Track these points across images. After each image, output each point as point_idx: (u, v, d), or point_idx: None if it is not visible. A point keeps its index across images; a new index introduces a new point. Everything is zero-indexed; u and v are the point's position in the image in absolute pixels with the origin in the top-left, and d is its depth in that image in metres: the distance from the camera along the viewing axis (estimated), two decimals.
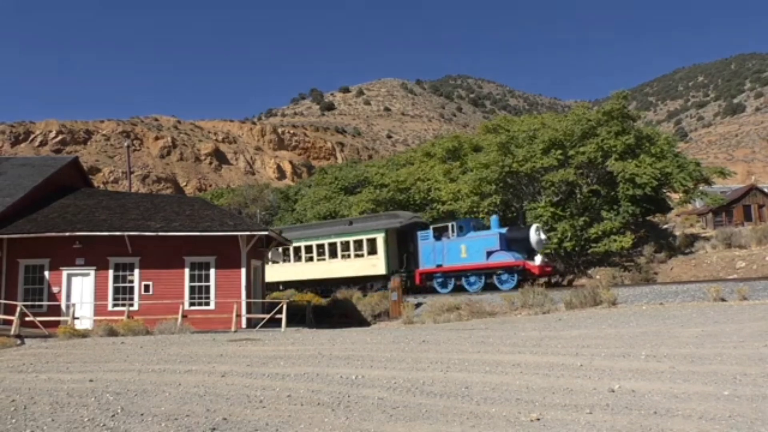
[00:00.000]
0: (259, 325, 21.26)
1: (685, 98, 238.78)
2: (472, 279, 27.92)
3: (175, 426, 7.19)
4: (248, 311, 22.29)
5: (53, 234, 22.06)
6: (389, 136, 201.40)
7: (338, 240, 32.71)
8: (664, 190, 35.08)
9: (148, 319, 20.30)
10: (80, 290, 22.41)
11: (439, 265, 28.94)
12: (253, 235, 22.89)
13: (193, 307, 22.08)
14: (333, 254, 32.80)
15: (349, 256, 32.16)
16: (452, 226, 29.01)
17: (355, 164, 69.69)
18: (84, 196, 25.53)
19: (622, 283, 26.80)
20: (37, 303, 21.71)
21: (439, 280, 29.15)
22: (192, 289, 22.49)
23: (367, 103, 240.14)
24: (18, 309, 19.66)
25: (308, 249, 33.97)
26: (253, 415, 7.48)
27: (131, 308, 21.84)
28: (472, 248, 27.86)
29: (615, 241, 29.69)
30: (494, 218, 29.61)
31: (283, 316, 20.92)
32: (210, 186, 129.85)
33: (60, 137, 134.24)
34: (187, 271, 22.55)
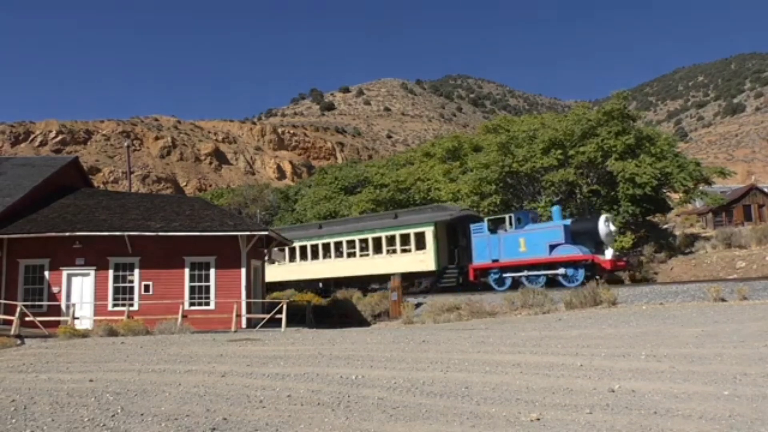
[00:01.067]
0: (259, 325, 21.26)
1: (685, 98, 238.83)
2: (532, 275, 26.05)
3: (175, 426, 7.19)
4: (248, 311, 22.29)
5: (53, 234, 22.06)
6: (389, 136, 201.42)
7: (383, 234, 30.96)
8: (664, 190, 35.10)
9: (148, 319, 20.30)
10: (80, 290, 22.41)
11: (495, 260, 26.83)
12: (253, 235, 22.89)
13: (193, 307, 22.08)
14: (377, 249, 31.06)
15: (394, 251, 30.45)
16: (510, 218, 27.06)
17: (355, 164, 69.73)
18: (84, 196, 25.53)
19: (622, 283, 26.80)
20: (37, 303, 21.70)
21: (495, 276, 27.07)
22: (192, 289, 22.49)
23: (367, 103, 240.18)
24: (18, 309, 19.66)
25: (350, 244, 32.20)
26: (253, 415, 7.48)
27: (131, 308, 21.83)
28: (533, 241, 25.83)
29: (615, 240, 29.70)
30: (556, 209, 27.60)
31: (283, 316, 20.92)
32: (210, 186, 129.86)
33: (60, 137, 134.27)
34: (187, 271, 22.56)
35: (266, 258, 26.88)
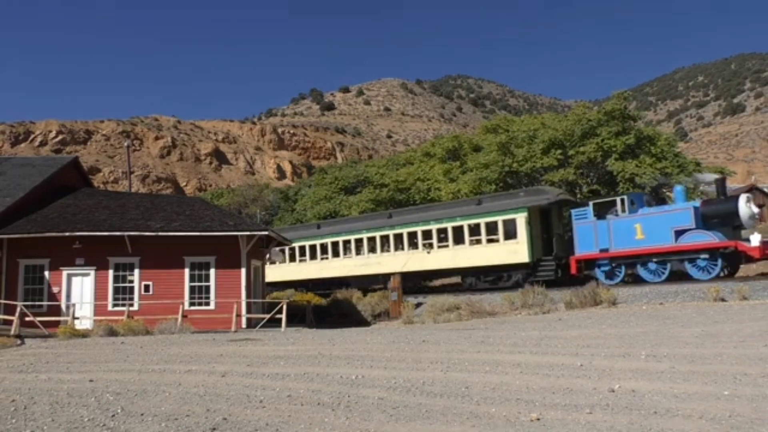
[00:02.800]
0: (259, 325, 21.27)
1: (685, 98, 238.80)
2: (652, 266, 22.73)
3: (175, 426, 7.19)
4: (248, 311, 22.30)
5: (53, 234, 22.06)
6: (389, 136, 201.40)
7: (465, 223, 27.51)
8: (664, 190, 35.10)
9: (148, 319, 20.30)
10: (80, 290, 22.43)
11: (604, 250, 23.58)
12: (253, 235, 22.90)
13: (193, 307, 22.09)
14: (458, 240, 27.67)
15: (479, 241, 27.01)
16: (622, 200, 23.61)
17: (355, 164, 69.69)
18: (84, 196, 25.53)
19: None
20: (37, 303, 21.72)
21: (605, 268, 23.83)
22: (192, 289, 22.50)
23: (367, 103, 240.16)
24: (18, 309, 19.67)
25: (426, 234, 28.86)
26: (253, 415, 7.48)
27: (131, 308, 21.85)
28: (652, 227, 22.43)
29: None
30: (678, 189, 24.11)
31: (283, 316, 20.94)
32: (210, 186, 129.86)
33: (60, 137, 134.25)
34: (187, 271, 22.57)
35: (267, 258, 26.88)
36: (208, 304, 22.35)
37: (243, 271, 22.52)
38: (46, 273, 22.43)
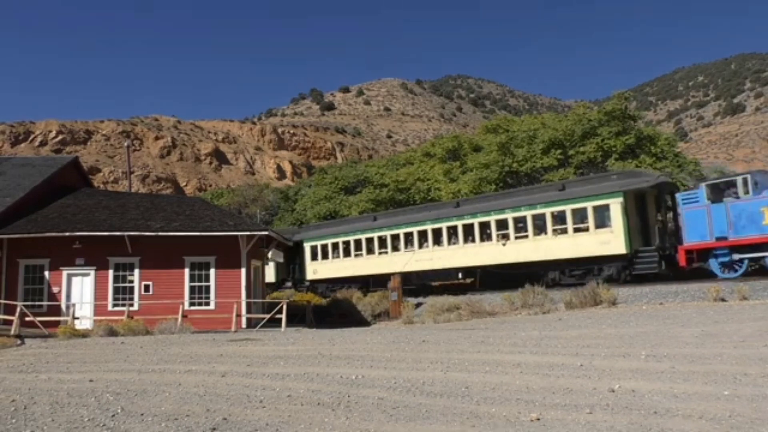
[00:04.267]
0: (259, 325, 21.27)
1: (685, 98, 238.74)
2: None
3: (175, 426, 7.19)
4: (248, 311, 22.31)
5: (53, 234, 22.07)
6: (389, 136, 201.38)
7: (547, 210, 24.74)
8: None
9: (148, 319, 20.31)
10: (80, 290, 22.44)
11: (721, 238, 20.42)
12: (253, 235, 22.91)
13: (193, 307, 22.10)
14: (540, 230, 24.94)
15: (564, 231, 24.20)
16: (744, 180, 20.28)
17: (355, 164, 69.72)
18: (84, 196, 25.54)
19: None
20: (37, 303, 21.73)
21: (723, 258, 20.64)
22: (192, 289, 22.51)
23: (367, 103, 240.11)
24: (18, 309, 19.67)
25: (501, 224, 25.97)
26: (253, 415, 7.48)
27: (131, 308, 21.86)
28: None
29: None
30: None
31: (283, 316, 20.94)
32: (210, 186, 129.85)
33: (60, 137, 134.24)
34: (187, 271, 22.58)
35: (267, 258, 26.90)
36: (208, 304, 22.35)
37: (243, 271, 22.53)
38: (46, 273, 22.44)
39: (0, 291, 21.99)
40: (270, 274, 35.24)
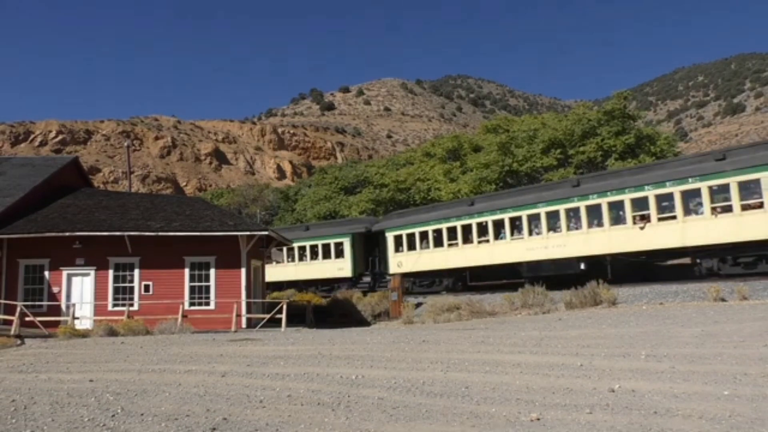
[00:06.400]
0: (259, 325, 21.28)
1: (685, 98, 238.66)
2: None
3: (175, 426, 7.19)
4: (248, 311, 22.31)
5: (53, 234, 22.07)
6: (389, 136, 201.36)
7: (703, 185, 20.25)
8: None
9: (148, 319, 20.31)
10: (80, 290, 22.44)
11: None
12: (253, 235, 22.90)
13: (193, 307, 22.10)
14: (690, 209, 20.82)
15: (726, 209, 19.81)
16: None
17: (355, 164, 69.78)
18: (84, 196, 25.54)
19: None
20: (37, 303, 21.74)
21: None
22: (192, 289, 22.51)
23: (367, 103, 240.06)
24: (18, 309, 19.67)
25: (638, 204, 21.90)
26: (253, 415, 7.48)
27: (131, 308, 21.86)
28: None
29: None
30: None
31: (283, 316, 20.94)
32: (210, 186, 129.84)
33: (60, 137, 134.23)
34: (187, 271, 22.58)
35: (268, 258, 26.88)
36: (208, 304, 22.35)
37: (243, 271, 22.52)
38: (46, 273, 22.44)
39: (0, 291, 21.99)
40: (346, 268, 33.10)
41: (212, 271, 22.61)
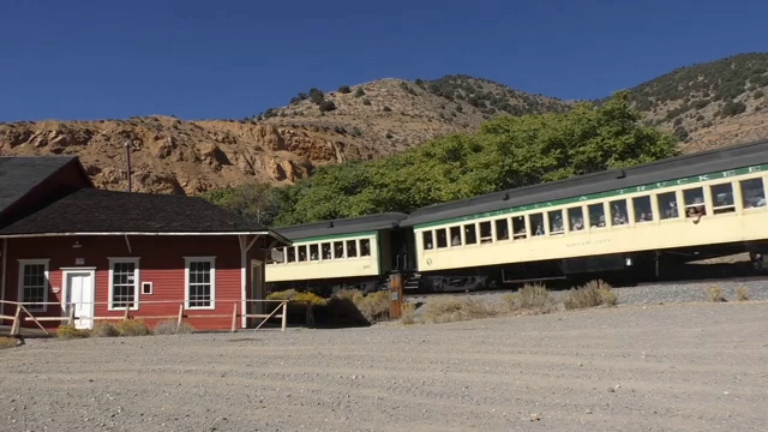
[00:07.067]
0: (259, 325, 21.28)
1: (685, 98, 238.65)
2: None
3: (175, 426, 7.19)
4: (248, 311, 22.31)
5: (53, 234, 22.06)
6: (389, 136, 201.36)
7: (764, 174, 18.63)
8: None
9: (148, 319, 20.31)
10: (80, 290, 22.43)
11: None
12: (253, 235, 22.91)
13: (193, 307, 22.10)
14: (748, 201, 19.27)
15: None
16: None
17: (355, 164, 69.78)
18: (84, 196, 25.54)
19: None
20: (37, 303, 21.73)
21: None
22: (192, 289, 22.50)
23: (367, 103, 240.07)
24: (18, 309, 19.66)
25: (690, 195, 20.59)
26: (253, 415, 7.48)
27: (131, 308, 21.85)
28: None
29: None
30: None
31: (283, 316, 20.94)
32: (210, 186, 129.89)
33: (60, 137, 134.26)
34: (187, 271, 22.57)
35: (268, 258, 26.88)
36: (208, 304, 22.35)
37: (243, 271, 22.52)
38: (46, 273, 22.43)
39: (0, 291, 21.98)
40: (372, 266, 31.54)
41: (212, 271, 22.61)
